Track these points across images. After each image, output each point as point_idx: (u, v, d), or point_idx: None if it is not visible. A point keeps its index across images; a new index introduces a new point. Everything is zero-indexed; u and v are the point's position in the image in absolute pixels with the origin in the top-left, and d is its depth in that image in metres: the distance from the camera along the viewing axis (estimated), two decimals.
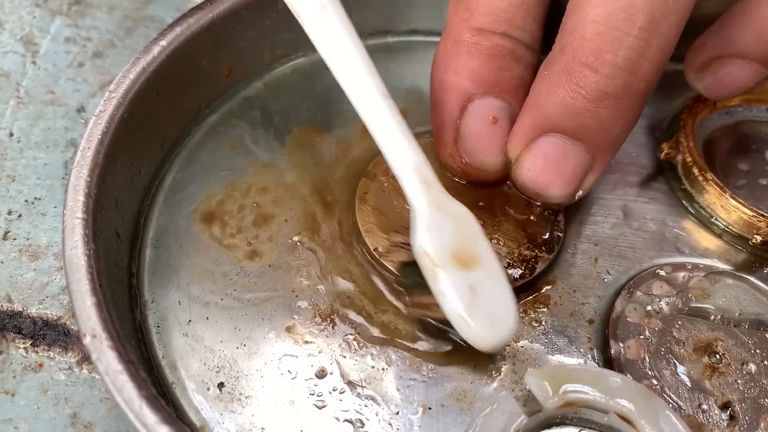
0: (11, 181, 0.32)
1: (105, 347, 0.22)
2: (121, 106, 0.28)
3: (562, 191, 0.28)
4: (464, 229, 0.26)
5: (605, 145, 0.27)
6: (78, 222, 0.25)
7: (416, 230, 0.26)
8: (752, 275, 0.29)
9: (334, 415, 0.26)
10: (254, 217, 0.30)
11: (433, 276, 0.25)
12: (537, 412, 0.25)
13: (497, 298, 0.25)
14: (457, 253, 0.26)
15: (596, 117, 0.26)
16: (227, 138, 0.33)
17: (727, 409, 0.26)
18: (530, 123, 0.27)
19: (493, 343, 0.25)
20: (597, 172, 0.28)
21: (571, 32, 0.26)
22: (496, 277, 0.26)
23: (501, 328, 0.25)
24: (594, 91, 0.26)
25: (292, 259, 0.29)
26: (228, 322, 0.28)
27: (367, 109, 0.27)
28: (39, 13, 0.39)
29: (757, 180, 0.33)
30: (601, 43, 0.25)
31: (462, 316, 0.25)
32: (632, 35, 0.25)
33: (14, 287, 0.30)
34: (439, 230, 0.26)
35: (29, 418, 0.27)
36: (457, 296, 0.25)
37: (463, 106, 0.29)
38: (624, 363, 0.27)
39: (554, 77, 0.26)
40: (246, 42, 0.33)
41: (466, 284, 0.25)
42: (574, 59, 0.26)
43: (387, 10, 0.37)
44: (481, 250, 0.26)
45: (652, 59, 0.26)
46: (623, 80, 0.26)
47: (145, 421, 0.21)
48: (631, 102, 0.26)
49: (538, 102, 0.27)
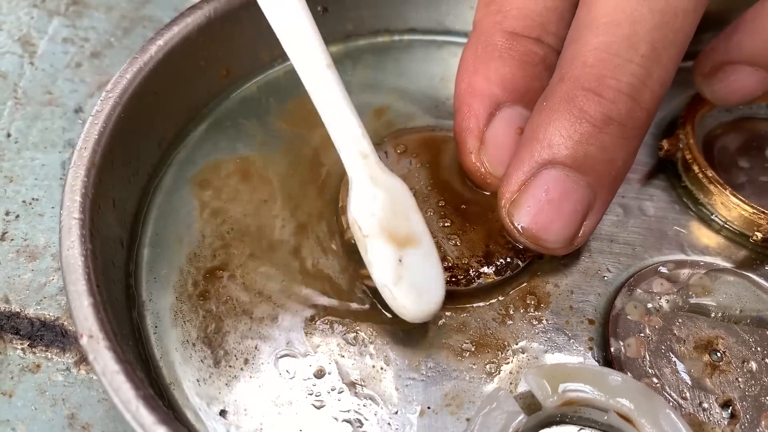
0: (9, 181, 0.32)
1: (102, 347, 0.22)
2: (118, 105, 0.28)
3: (560, 234, 0.27)
4: (397, 201, 0.27)
5: (607, 178, 0.26)
6: (75, 222, 0.25)
7: (350, 200, 0.27)
8: (753, 272, 0.29)
9: (333, 414, 0.26)
10: (253, 217, 0.30)
11: (363, 246, 0.26)
12: (536, 411, 0.25)
13: (425, 270, 0.26)
14: (387, 225, 0.26)
15: (600, 144, 0.25)
16: (225, 138, 0.33)
17: (727, 407, 0.26)
18: (529, 156, 0.26)
19: (417, 315, 0.26)
20: (597, 215, 0.27)
21: (572, 61, 0.26)
22: (426, 249, 0.26)
23: (426, 301, 0.26)
24: (598, 115, 0.25)
25: (291, 259, 0.29)
26: (226, 322, 0.27)
27: (310, 79, 0.28)
28: (37, 13, 0.39)
29: (757, 177, 0.33)
30: (604, 69, 0.25)
31: (387, 286, 0.26)
32: (635, 62, 0.25)
33: (12, 288, 0.29)
34: (370, 201, 0.27)
35: (27, 419, 0.27)
36: (384, 266, 0.26)
37: (491, 113, 0.28)
38: (624, 361, 0.27)
39: (555, 105, 0.26)
40: (244, 42, 0.33)
41: (394, 255, 0.26)
42: (576, 86, 0.25)
43: (385, 9, 0.37)
44: (413, 222, 0.27)
45: (653, 89, 0.25)
46: (627, 106, 0.25)
47: (143, 422, 0.21)
48: (634, 131, 0.26)
49: (537, 134, 0.26)
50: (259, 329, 0.27)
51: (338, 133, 0.28)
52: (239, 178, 0.31)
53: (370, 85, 0.35)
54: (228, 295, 0.28)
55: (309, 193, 0.31)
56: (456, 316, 0.28)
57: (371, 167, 0.27)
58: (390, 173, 0.28)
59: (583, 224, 0.27)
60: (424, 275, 0.26)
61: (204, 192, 0.31)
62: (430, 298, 0.26)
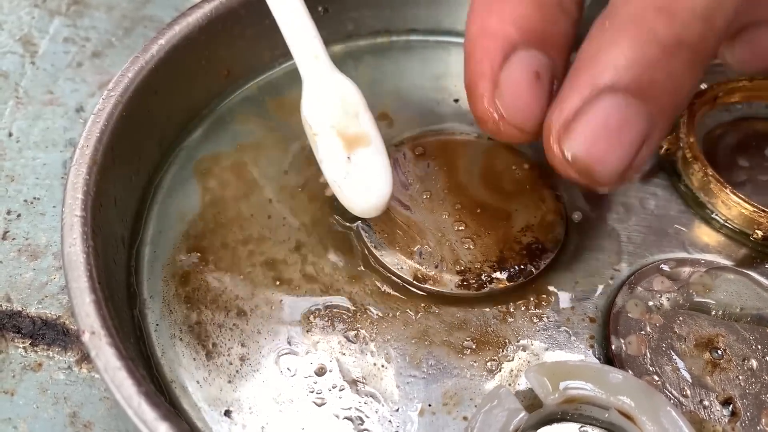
0: (10, 180, 0.32)
1: (104, 344, 0.22)
2: (119, 104, 0.28)
3: (618, 164, 0.25)
4: (347, 100, 0.28)
5: (670, 107, 0.24)
6: (77, 219, 0.25)
7: (303, 100, 0.29)
8: (753, 270, 0.29)
9: (334, 412, 0.26)
10: (254, 216, 0.30)
11: (314, 143, 0.28)
12: (537, 408, 0.25)
13: (373, 167, 0.28)
14: (337, 123, 0.28)
15: (668, 70, 0.23)
16: (226, 137, 0.33)
17: (728, 405, 0.26)
18: (587, 80, 0.24)
19: (365, 208, 0.28)
20: (651, 147, 0.25)
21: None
22: (374, 148, 0.28)
23: (373, 195, 0.27)
24: (670, 37, 0.23)
25: (293, 258, 0.29)
26: (227, 320, 0.28)
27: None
28: (38, 13, 0.39)
29: (757, 176, 0.33)
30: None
31: (336, 182, 0.27)
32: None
33: (13, 287, 0.29)
34: (320, 100, 0.28)
35: (28, 418, 0.27)
36: (333, 163, 0.27)
37: (506, 55, 0.26)
38: (625, 359, 0.27)
39: (621, 26, 0.24)
40: (245, 41, 0.33)
41: (343, 153, 0.27)
42: (646, 4, 0.23)
43: (385, 10, 0.37)
44: (362, 121, 0.28)
45: (727, 11, 0.23)
46: (700, 29, 0.23)
47: (144, 418, 0.21)
48: (703, 58, 0.24)
49: (597, 56, 0.24)
50: (261, 328, 0.27)
51: (291, 35, 0.29)
52: (240, 177, 0.31)
53: (371, 86, 0.35)
54: (230, 294, 0.28)
55: (309, 192, 0.31)
56: (457, 314, 0.28)
57: (322, 67, 0.29)
58: (341, 74, 0.29)
59: (637, 155, 0.25)
60: (372, 171, 0.27)
61: (205, 191, 0.31)
62: (377, 192, 0.27)
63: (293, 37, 0.29)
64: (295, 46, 0.29)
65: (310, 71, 0.29)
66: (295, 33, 0.29)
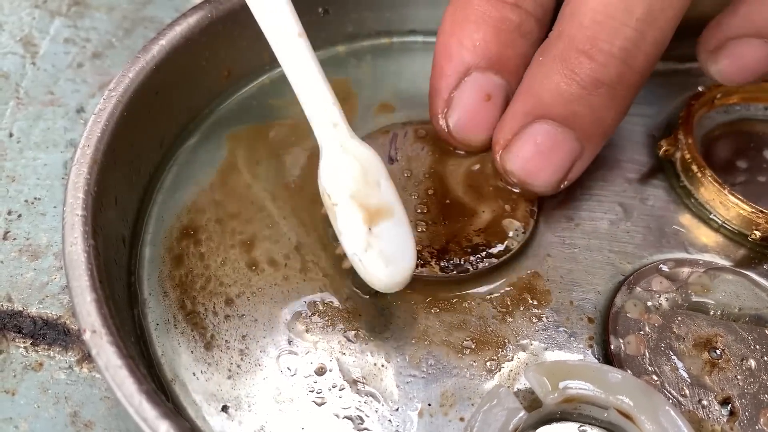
0: (11, 181, 0.32)
1: (105, 343, 0.22)
2: (120, 104, 0.28)
3: (548, 179, 0.29)
4: (368, 170, 0.27)
5: (596, 134, 0.28)
6: (78, 219, 0.25)
7: (320, 169, 0.27)
8: (752, 271, 0.29)
9: (334, 411, 0.26)
10: (255, 216, 0.30)
11: (333, 214, 0.26)
12: (537, 408, 0.25)
13: (395, 239, 0.26)
14: (357, 193, 0.26)
15: (589, 105, 0.26)
16: (226, 138, 0.33)
17: (727, 404, 0.26)
18: (523, 108, 0.28)
19: (388, 284, 0.26)
20: (585, 162, 0.29)
21: (570, 19, 0.26)
22: (396, 219, 0.26)
23: (396, 269, 0.26)
24: (588, 78, 0.26)
25: (293, 257, 0.29)
26: (228, 319, 0.28)
27: (280, 48, 0.28)
28: (38, 14, 0.39)
29: (756, 177, 0.33)
30: (598, 32, 0.25)
31: (357, 255, 0.26)
32: (629, 26, 0.25)
33: (14, 287, 0.30)
34: (340, 170, 0.27)
35: (29, 417, 0.27)
36: (353, 235, 0.26)
37: (460, 77, 0.29)
38: (624, 359, 0.27)
39: (550, 63, 0.27)
40: (245, 42, 0.33)
41: (364, 224, 0.26)
42: (570, 46, 0.26)
43: (386, 11, 0.37)
44: (384, 191, 0.27)
45: (647, 51, 0.26)
46: (618, 70, 0.26)
47: (145, 416, 0.21)
48: (624, 92, 0.26)
49: (532, 88, 0.27)
50: (261, 327, 0.28)
51: (308, 102, 0.28)
52: (241, 177, 0.32)
53: (371, 87, 0.35)
54: (230, 294, 0.28)
55: (310, 192, 0.31)
56: (456, 314, 0.28)
57: (342, 135, 0.27)
58: (361, 142, 0.28)
59: (571, 169, 0.29)
60: (394, 244, 0.26)
61: (205, 191, 0.31)
62: (400, 266, 0.26)
63: (311, 106, 0.28)
64: (313, 115, 0.28)
65: (328, 140, 0.27)
66: (312, 101, 0.28)
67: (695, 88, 0.34)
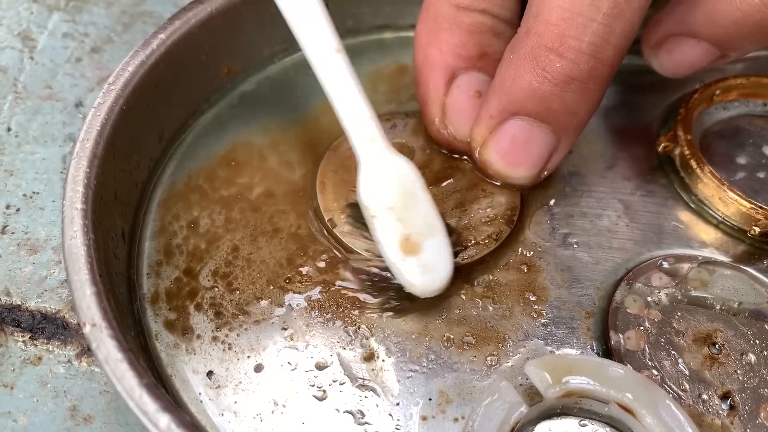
0: (9, 175, 0.32)
1: (105, 336, 0.22)
2: (120, 98, 0.28)
3: (527, 172, 0.29)
4: (404, 181, 0.28)
5: (570, 127, 0.28)
6: (77, 212, 0.25)
7: (358, 183, 0.28)
8: (751, 266, 0.29)
9: (335, 406, 0.26)
10: (252, 210, 0.30)
11: (372, 225, 0.27)
12: (537, 402, 0.25)
13: (433, 247, 0.27)
14: (394, 204, 0.27)
15: (562, 101, 0.27)
16: (226, 132, 0.33)
17: (727, 399, 0.26)
18: (497, 106, 0.28)
19: (425, 290, 0.27)
20: (562, 153, 0.29)
21: (537, 16, 0.26)
22: (433, 227, 0.27)
23: (434, 277, 0.27)
24: (559, 75, 0.26)
25: (294, 251, 0.29)
26: (228, 315, 0.28)
27: (319, 64, 0.28)
28: (36, 8, 0.39)
29: (755, 173, 0.33)
30: (566, 29, 0.25)
31: (395, 264, 0.27)
32: (597, 21, 0.25)
33: (13, 281, 0.29)
34: (378, 183, 0.28)
35: (28, 411, 0.27)
36: (392, 244, 0.27)
37: (449, 81, 0.30)
38: (624, 354, 0.27)
39: (520, 61, 0.27)
40: (245, 36, 0.33)
41: (402, 233, 0.27)
42: (539, 44, 0.26)
43: (385, 6, 0.37)
44: (420, 202, 0.28)
45: (616, 44, 0.26)
46: (588, 65, 0.26)
47: (146, 409, 0.21)
48: (596, 86, 0.27)
49: (504, 86, 0.27)
50: (261, 322, 0.27)
51: (347, 116, 0.28)
52: (240, 171, 0.31)
53: (370, 81, 0.35)
54: (230, 287, 0.28)
55: (311, 186, 0.31)
56: (456, 310, 0.28)
57: (379, 149, 0.28)
58: (398, 155, 0.28)
59: (549, 161, 0.29)
60: (432, 254, 0.27)
61: (205, 186, 0.31)
62: (437, 275, 0.27)
63: (349, 120, 0.28)
64: (351, 129, 0.28)
65: (366, 154, 0.28)
66: (350, 116, 0.28)
67: (694, 85, 0.34)
